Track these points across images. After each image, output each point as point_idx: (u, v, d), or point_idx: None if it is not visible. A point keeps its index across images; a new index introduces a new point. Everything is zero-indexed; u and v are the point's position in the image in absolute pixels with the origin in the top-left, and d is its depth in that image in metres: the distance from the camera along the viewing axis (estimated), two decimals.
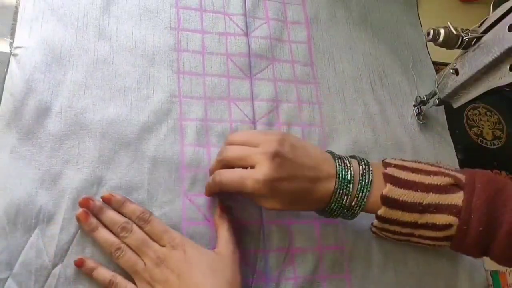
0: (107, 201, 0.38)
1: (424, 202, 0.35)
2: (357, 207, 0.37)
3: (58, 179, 0.38)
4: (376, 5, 0.59)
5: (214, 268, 0.36)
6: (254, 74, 0.49)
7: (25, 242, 0.36)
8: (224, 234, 0.39)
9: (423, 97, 0.52)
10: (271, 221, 0.43)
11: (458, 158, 0.53)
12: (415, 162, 0.38)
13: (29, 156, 0.39)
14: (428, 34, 0.43)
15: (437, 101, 0.49)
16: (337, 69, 0.53)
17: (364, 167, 0.38)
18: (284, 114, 0.48)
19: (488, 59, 0.40)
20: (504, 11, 0.39)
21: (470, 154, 0.54)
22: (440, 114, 0.55)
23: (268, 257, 0.42)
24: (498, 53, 0.39)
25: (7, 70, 0.41)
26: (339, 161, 0.38)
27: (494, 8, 0.40)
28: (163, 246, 0.37)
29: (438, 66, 0.59)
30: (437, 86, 0.48)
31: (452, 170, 0.37)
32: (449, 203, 0.35)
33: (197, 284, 0.35)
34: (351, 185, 0.37)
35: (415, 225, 0.36)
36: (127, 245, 0.37)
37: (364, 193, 0.37)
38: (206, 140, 0.45)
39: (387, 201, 0.36)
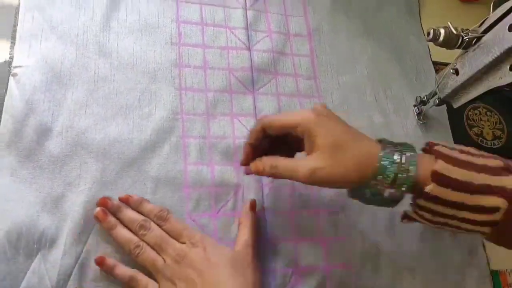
0: (124, 201, 0.39)
1: (476, 182, 0.33)
2: (406, 177, 0.34)
3: (60, 202, 0.38)
4: (378, 15, 0.58)
5: (235, 267, 0.36)
6: (257, 88, 0.49)
7: (27, 267, 0.35)
8: (245, 234, 0.39)
9: (423, 97, 0.52)
10: (278, 239, 0.42)
11: None
12: (459, 145, 0.37)
13: (30, 179, 0.38)
14: (428, 34, 0.43)
15: (437, 101, 0.49)
16: (340, 81, 0.52)
17: (408, 147, 0.36)
18: None
19: (488, 59, 0.40)
20: (504, 11, 0.39)
21: None
22: (443, 119, 0.55)
23: (275, 276, 0.41)
24: (498, 53, 0.39)
25: (6, 90, 0.40)
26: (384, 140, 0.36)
27: (494, 8, 0.40)
28: (182, 243, 0.37)
29: (438, 66, 0.59)
30: (437, 86, 0.48)
31: (501, 158, 0.35)
32: (500, 185, 0.33)
33: (219, 283, 0.34)
34: (400, 152, 0.34)
35: (461, 206, 0.34)
36: (146, 243, 0.37)
37: (413, 165, 0.34)
38: (209, 158, 0.44)
39: (438, 177, 0.33)
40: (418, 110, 0.53)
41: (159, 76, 0.46)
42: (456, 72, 0.45)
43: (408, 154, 0.34)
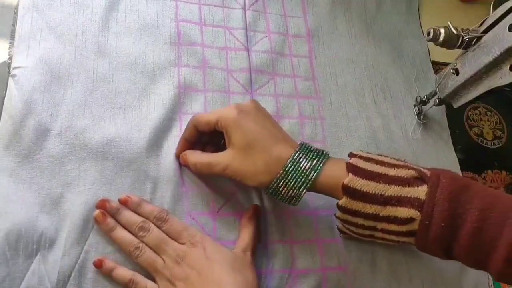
0: (123, 202, 0.39)
1: (386, 194, 0.34)
2: (308, 179, 0.36)
3: (59, 203, 0.38)
4: (378, 17, 0.58)
5: (235, 267, 0.36)
6: (255, 89, 0.49)
7: (26, 268, 0.35)
8: (246, 237, 0.39)
9: (423, 97, 0.52)
10: (274, 241, 0.43)
11: (458, 158, 0.53)
12: (381, 155, 0.38)
13: (29, 180, 0.38)
14: (429, 34, 0.43)
15: (437, 101, 0.49)
16: (339, 83, 0.52)
17: (321, 152, 0.38)
18: (286, 131, 0.47)
19: (488, 59, 0.40)
20: (504, 11, 0.39)
21: (470, 154, 0.55)
22: (443, 119, 0.55)
23: (271, 277, 0.41)
24: (498, 53, 0.39)
25: (5, 91, 0.40)
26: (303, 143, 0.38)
27: (494, 8, 0.40)
28: (182, 244, 0.37)
29: (438, 66, 0.59)
30: (437, 86, 0.48)
31: (417, 166, 0.36)
32: (412, 196, 0.34)
33: (219, 281, 0.35)
34: (312, 157, 0.37)
35: (377, 217, 0.35)
36: (146, 245, 0.37)
37: (319, 164, 0.36)
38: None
39: (348, 191, 0.35)
40: (418, 110, 0.53)
41: (158, 75, 0.46)
42: (456, 72, 0.45)
43: (315, 161, 0.36)
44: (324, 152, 0.38)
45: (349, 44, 0.55)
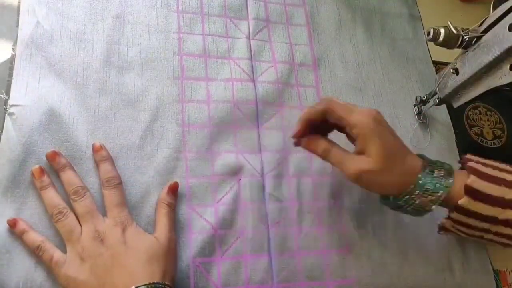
0: (95, 149, 0.39)
1: (507, 197, 0.35)
2: (443, 190, 0.36)
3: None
4: (385, 42, 0.57)
5: (151, 255, 0.35)
6: (261, 123, 0.47)
7: None
8: (163, 219, 0.38)
9: (423, 97, 0.52)
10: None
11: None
12: (495, 161, 0.39)
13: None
14: (428, 33, 0.43)
15: (437, 101, 0.49)
16: None
17: (445, 166, 0.38)
18: (293, 166, 0.46)
19: (488, 58, 0.40)
20: (504, 11, 0.39)
21: (471, 153, 0.53)
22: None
23: None
24: (498, 53, 0.39)
25: (2, 131, 0.39)
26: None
27: (494, 8, 0.40)
28: (108, 219, 0.36)
29: (438, 65, 0.58)
30: (437, 86, 0.48)
31: None
32: None
33: (130, 269, 0.34)
34: (439, 166, 0.37)
35: (494, 220, 0.35)
36: (73, 210, 0.36)
37: (451, 178, 0.36)
38: (214, 198, 0.42)
39: (470, 191, 0.35)
40: (418, 109, 0.53)
41: (161, 112, 0.44)
42: (456, 72, 0.45)
43: (445, 169, 0.37)
44: (449, 166, 0.38)
45: (356, 72, 0.54)
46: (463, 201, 0.35)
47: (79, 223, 0.36)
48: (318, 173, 0.47)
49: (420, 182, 0.36)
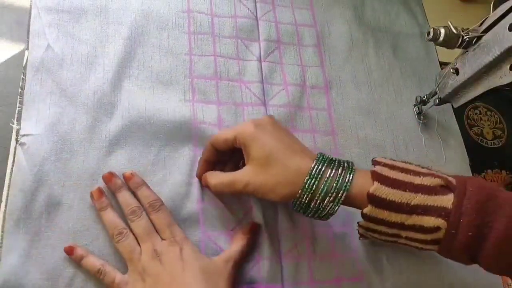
0: (127, 178, 0.40)
1: (412, 203, 0.33)
2: (341, 190, 0.35)
3: (72, 285, 0.36)
4: (397, 62, 0.56)
5: (207, 274, 0.36)
6: None
7: None
8: (233, 249, 0.39)
9: (423, 97, 0.51)
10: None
11: None
12: (405, 162, 0.37)
13: (40, 260, 0.36)
14: (429, 33, 0.42)
15: (437, 101, 0.49)
16: (360, 136, 0.50)
17: (345, 164, 0.37)
18: None
19: (488, 58, 0.40)
20: (504, 11, 0.39)
21: (471, 154, 0.54)
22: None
23: None
24: (498, 53, 0.39)
25: (13, 162, 0.38)
26: (322, 154, 0.38)
27: (495, 8, 0.40)
28: (164, 239, 0.37)
29: (439, 65, 0.58)
30: (437, 86, 0.48)
31: (443, 173, 0.36)
32: (438, 205, 0.33)
33: (187, 286, 0.34)
34: (334, 166, 0.36)
35: (402, 226, 0.34)
36: (132, 231, 0.37)
37: (350, 175, 0.35)
38: (228, 225, 0.42)
39: (373, 199, 0.34)
40: (418, 109, 0.53)
41: (172, 136, 0.44)
42: (456, 72, 0.44)
43: (344, 168, 0.36)
44: (350, 163, 0.37)
45: (368, 93, 0.53)
46: (368, 209, 0.34)
47: (139, 244, 0.37)
48: None
49: (307, 184, 0.35)
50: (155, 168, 0.42)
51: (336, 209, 0.36)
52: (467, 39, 0.42)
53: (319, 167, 0.36)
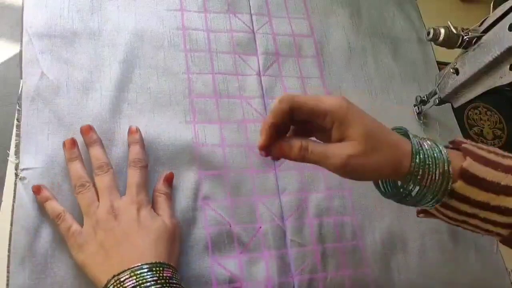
0: (131, 131, 0.41)
1: (502, 183, 0.32)
2: (446, 163, 0.32)
3: None
4: (396, 70, 0.56)
5: (159, 236, 0.36)
6: (278, 164, 0.46)
7: None
8: (163, 207, 0.39)
9: (423, 97, 0.51)
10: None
11: None
12: (486, 145, 0.35)
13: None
14: (429, 33, 0.42)
15: (437, 101, 0.49)
16: None
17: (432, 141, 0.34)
18: (313, 207, 0.45)
19: (488, 58, 0.40)
20: (504, 11, 0.39)
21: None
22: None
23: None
24: (498, 53, 0.39)
25: (14, 199, 0.37)
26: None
27: (495, 8, 0.40)
28: (125, 198, 0.37)
29: (439, 66, 0.58)
30: (437, 86, 0.48)
31: None
32: None
33: (138, 247, 0.35)
34: (432, 145, 0.33)
35: (486, 206, 0.33)
36: (94, 184, 0.37)
37: (443, 151, 0.33)
38: (236, 249, 0.41)
39: (465, 175, 0.32)
40: (418, 109, 0.53)
41: (175, 161, 0.43)
42: (456, 72, 0.45)
43: (430, 144, 0.33)
44: (434, 141, 0.34)
45: (370, 102, 0.53)
46: (458, 185, 0.32)
47: (98, 199, 0.37)
48: (338, 213, 0.46)
49: (417, 158, 0.32)
50: None
51: (449, 186, 0.33)
52: (467, 39, 0.42)
53: (417, 140, 0.33)
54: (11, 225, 0.36)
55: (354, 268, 0.44)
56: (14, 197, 0.37)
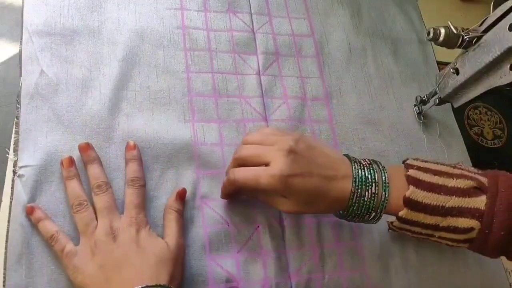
0: (129, 147, 0.40)
1: (447, 205, 0.35)
2: (379, 208, 0.36)
3: None
4: (396, 70, 0.56)
5: (160, 259, 0.35)
6: None
7: None
8: (172, 225, 0.38)
9: (424, 97, 0.51)
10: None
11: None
12: (437, 163, 0.38)
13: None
14: (429, 33, 0.42)
15: (437, 101, 0.49)
16: (363, 147, 0.50)
17: (380, 167, 0.38)
18: None
19: (488, 58, 0.40)
20: (504, 11, 0.39)
21: (471, 153, 0.54)
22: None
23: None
24: (499, 53, 0.39)
25: (12, 196, 0.37)
26: (355, 164, 0.38)
27: (495, 8, 0.40)
28: (124, 218, 0.37)
29: (439, 65, 0.58)
30: (438, 86, 0.48)
31: (474, 173, 0.37)
32: (472, 207, 0.34)
33: (138, 269, 0.34)
34: (370, 185, 0.36)
35: (436, 227, 0.36)
36: (93, 205, 0.37)
37: (385, 193, 0.36)
38: (234, 248, 0.41)
39: (409, 203, 0.35)
40: (418, 109, 0.53)
41: (174, 159, 0.43)
42: (456, 72, 0.45)
43: (374, 190, 0.36)
44: (382, 169, 0.37)
45: (369, 102, 0.53)
46: (403, 212, 0.36)
47: (97, 218, 0.36)
48: None
49: (350, 209, 0.37)
50: (157, 193, 0.41)
51: (380, 214, 0.37)
52: (467, 39, 0.42)
53: (358, 190, 0.36)
54: (8, 222, 0.36)
55: (352, 268, 0.43)
56: (12, 194, 0.37)
